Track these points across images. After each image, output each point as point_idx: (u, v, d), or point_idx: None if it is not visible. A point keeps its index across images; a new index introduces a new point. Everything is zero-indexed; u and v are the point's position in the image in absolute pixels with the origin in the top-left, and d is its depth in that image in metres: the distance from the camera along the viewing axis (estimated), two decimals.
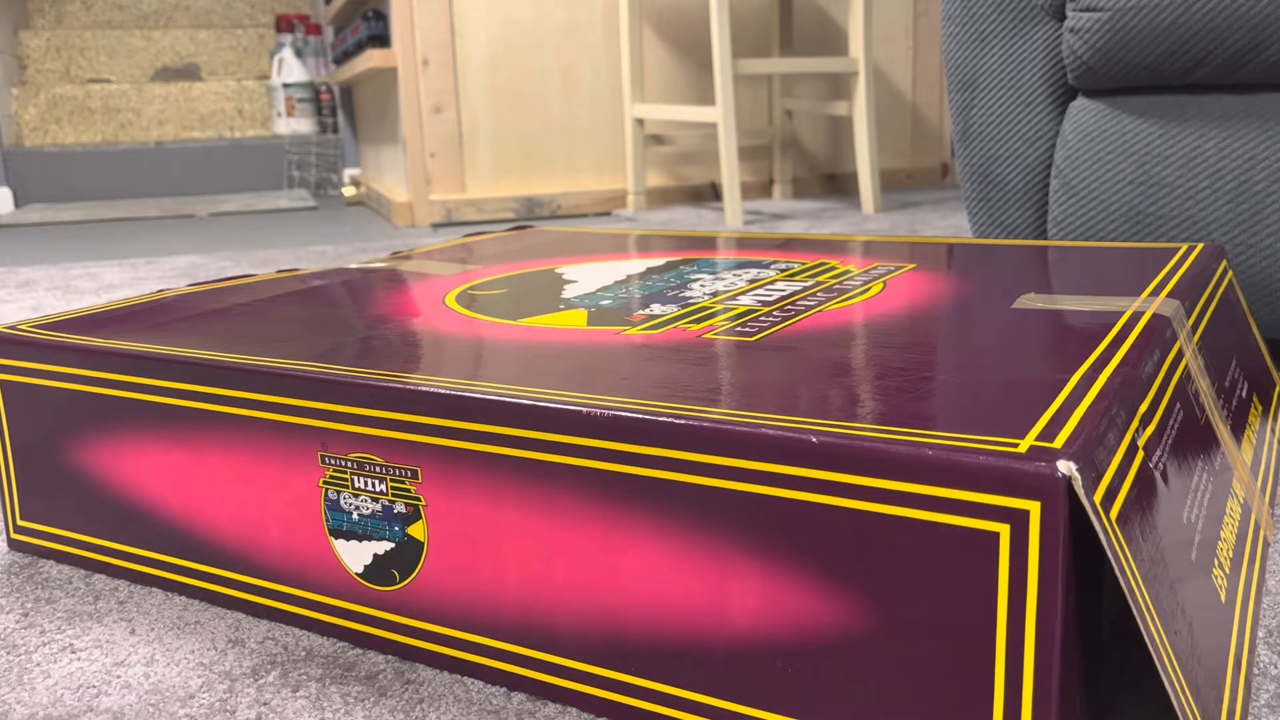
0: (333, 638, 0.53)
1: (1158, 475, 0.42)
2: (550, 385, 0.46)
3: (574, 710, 0.47)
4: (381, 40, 2.50)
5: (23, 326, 0.64)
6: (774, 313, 0.59)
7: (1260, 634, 0.49)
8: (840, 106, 2.37)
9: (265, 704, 0.48)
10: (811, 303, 0.61)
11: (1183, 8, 0.80)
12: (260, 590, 0.55)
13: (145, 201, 3.26)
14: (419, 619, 0.50)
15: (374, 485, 0.50)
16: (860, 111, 2.28)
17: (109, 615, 0.57)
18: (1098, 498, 0.35)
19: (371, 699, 0.48)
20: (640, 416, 0.42)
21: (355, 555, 0.51)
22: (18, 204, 3.26)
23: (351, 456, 0.50)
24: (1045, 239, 0.93)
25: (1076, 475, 0.34)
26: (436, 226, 2.38)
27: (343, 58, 2.94)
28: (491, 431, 0.46)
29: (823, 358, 0.49)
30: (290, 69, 3.58)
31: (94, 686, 0.50)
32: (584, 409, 0.43)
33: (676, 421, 0.41)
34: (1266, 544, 0.56)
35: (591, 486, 0.44)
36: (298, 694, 0.48)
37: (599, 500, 0.43)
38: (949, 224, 2.08)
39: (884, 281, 0.67)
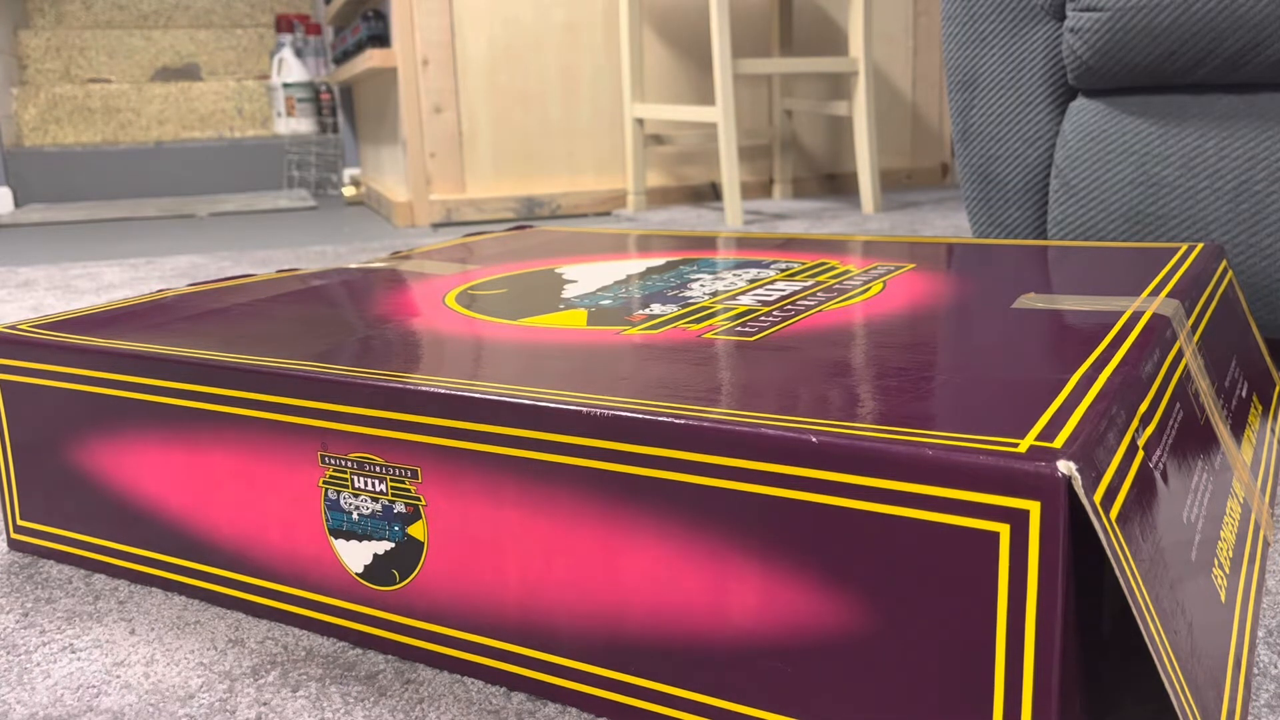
0: (333, 638, 0.53)
1: (1158, 475, 0.42)
2: (550, 385, 0.46)
3: (574, 710, 0.47)
4: (381, 40, 2.50)
5: (23, 326, 0.64)
6: (774, 313, 0.59)
7: (1260, 634, 0.49)
8: (840, 106, 2.37)
9: (265, 704, 0.48)
10: (811, 303, 0.61)
11: (1183, 8, 0.80)
12: (260, 590, 0.55)
13: (145, 201, 3.26)
14: (419, 619, 0.50)
15: (374, 485, 0.50)
16: (860, 111, 2.28)
17: (109, 615, 0.57)
18: (1098, 498, 0.35)
19: (371, 699, 0.48)
20: (640, 416, 0.42)
21: (355, 555, 0.51)
22: (18, 204, 3.26)
23: (351, 456, 0.50)
24: (1045, 239, 0.93)
25: (1076, 475, 0.34)
26: (436, 226, 2.38)
27: (343, 57, 2.94)
28: (491, 431, 0.46)
29: (823, 358, 0.49)
30: (290, 69, 3.58)
31: (94, 686, 0.50)
32: (584, 409, 0.43)
33: (676, 421, 0.41)
34: (1266, 544, 0.56)
35: (591, 486, 0.44)
36: (298, 694, 0.48)
37: (599, 500, 0.43)
38: (949, 224, 2.08)
39: (884, 281, 0.67)
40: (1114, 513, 0.36)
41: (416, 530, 0.49)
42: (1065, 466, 0.34)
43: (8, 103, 3.39)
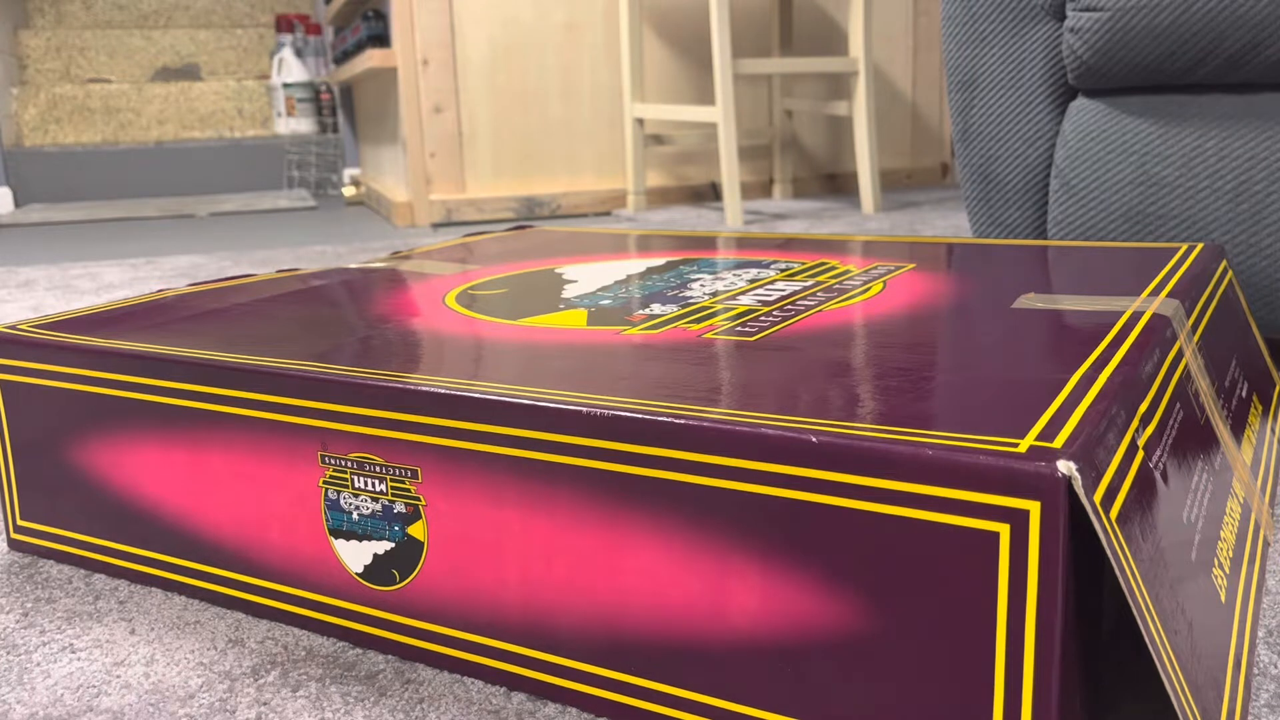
0: (333, 638, 0.53)
1: (1158, 475, 0.42)
2: (550, 385, 0.46)
3: (574, 710, 0.47)
4: (381, 40, 2.50)
5: (23, 326, 0.64)
6: (774, 313, 0.59)
7: (1260, 634, 0.49)
8: (840, 106, 2.37)
9: (265, 704, 0.48)
10: (811, 303, 0.61)
11: (1183, 8, 0.80)
12: (260, 590, 0.55)
13: (145, 201, 3.26)
14: (419, 619, 0.50)
15: (374, 485, 0.50)
16: (860, 111, 2.28)
17: (109, 615, 0.57)
18: (1098, 498, 0.35)
19: (371, 699, 0.48)
20: (640, 416, 0.42)
21: (355, 555, 0.51)
22: (18, 204, 3.26)
23: (351, 456, 0.50)
24: (1045, 239, 0.93)
25: (1076, 475, 0.34)
26: (436, 226, 2.38)
27: (343, 57, 2.94)
28: (491, 431, 0.46)
29: (823, 358, 0.49)
30: (290, 69, 3.58)
31: (94, 686, 0.50)
32: (584, 409, 0.43)
33: (676, 421, 0.41)
34: (1266, 544, 0.56)
35: (591, 486, 0.44)
36: (298, 694, 0.48)
37: (599, 500, 0.43)
38: (949, 224, 2.08)
39: (884, 281, 0.67)
40: (1114, 513, 0.36)
41: (416, 530, 0.49)
42: (1065, 466, 0.34)
43: (8, 103, 3.39)
